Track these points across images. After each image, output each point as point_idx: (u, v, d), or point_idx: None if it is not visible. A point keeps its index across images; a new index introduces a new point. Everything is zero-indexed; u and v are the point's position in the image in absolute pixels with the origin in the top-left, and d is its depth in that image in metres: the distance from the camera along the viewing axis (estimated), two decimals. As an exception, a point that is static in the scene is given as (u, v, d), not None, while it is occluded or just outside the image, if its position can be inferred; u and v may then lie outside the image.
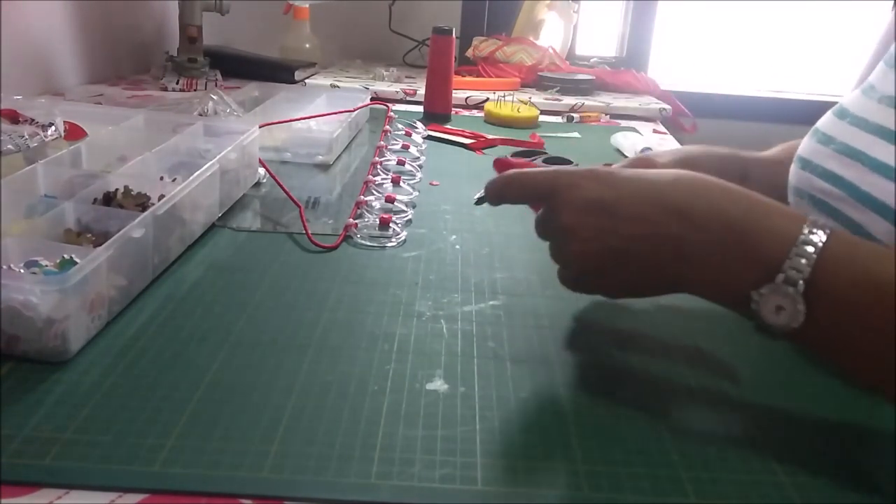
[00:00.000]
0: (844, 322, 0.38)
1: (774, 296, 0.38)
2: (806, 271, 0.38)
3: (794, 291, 0.38)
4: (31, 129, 0.68)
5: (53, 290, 0.43)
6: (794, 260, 0.38)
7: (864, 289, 0.37)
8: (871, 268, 0.38)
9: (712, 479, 0.39)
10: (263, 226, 0.70)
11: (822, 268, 0.38)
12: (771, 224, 0.40)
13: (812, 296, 0.38)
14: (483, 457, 0.39)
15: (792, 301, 0.38)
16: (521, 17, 1.69)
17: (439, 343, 0.51)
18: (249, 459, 0.38)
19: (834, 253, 0.38)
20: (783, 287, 0.38)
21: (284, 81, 1.32)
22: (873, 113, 0.55)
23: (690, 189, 0.42)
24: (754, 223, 0.40)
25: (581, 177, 0.45)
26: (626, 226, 0.43)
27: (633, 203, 0.43)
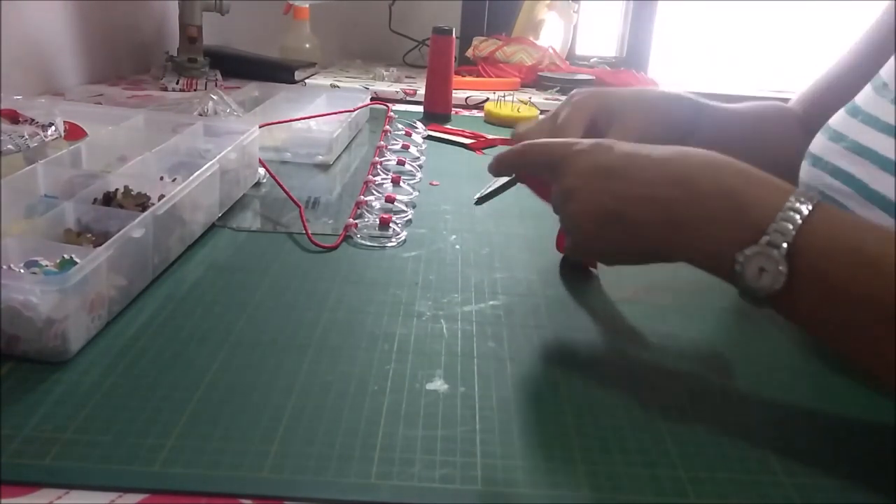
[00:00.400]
0: (824, 289, 0.39)
1: (758, 257, 0.39)
2: (790, 235, 0.39)
3: (777, 254, 0.39)
4: (31, 129, 0.68)
5: (53, 290, 0.43)
6: (780, 224, 0.39)
7: (844, 257, 0.38)
8: (852, 238, 0.39)
9: (712, 479, 0.39)
10: (263, 226, 0.70)
11: (806, 233, 0.39)
12: (762, 192, 0.41)
13: (794, 260, 0.39)
14: (483, 457, 0.39)
15: (774, 263, 0.39)
16: (521, 17, 1.69)
17: (439, 343, 0.51)
18: (249, 459, 0.38)
19: (819, 221, 0.39)
20: (767, 249, 0.39)
21: (284, 81, 1.32)
22: (886, 112, 0.55)
23: (696, 162, 0.44)
24: (747, 191, 0.41)
25: (593, 145, 0.47)
26: (623, 187, 0.44)
27: (635, 168, 0.44)
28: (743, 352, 0.53)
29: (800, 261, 0.39)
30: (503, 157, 0.53)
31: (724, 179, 0.42)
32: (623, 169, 0.45)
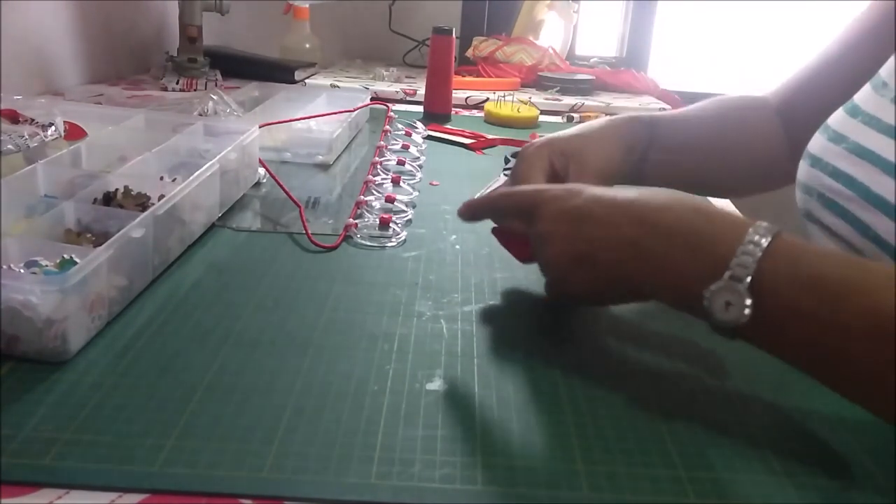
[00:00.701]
0: (790, 318, 0.40)
1: (723, 292, 0.40)
2: (751, 268, 0.40)
3: (741, 287, 0.40)
4: (31, 129, 0.68)
5: (53, 290, 0.43)
6: (741, 258, 0.40)
7: (807, 285, 0.39)
8: (814, 265, 0.40)
9: (712, 480, 0.39)
10: (263, 226, 0.70)
11: (768, 265, 0.40)
12: (722, 228, 0.42)
13: (757, 292, 0.40)
14: (483, 457, 0.39)
15: (739, 297, 0.40)
16: (521, 17, 1.69)
17: (439, 343, 0.51)
18: (249, 459, 0.38)
19: (779, 252, 0.40)
20: (731, 283, 0.40)
21: (284, 81, 1.32)
22: (886, 113, 0.55)
23: (657, 203, 0.45)
24: (707, 228, 0.43)
25: (564, 190, 0.49)
26: (592, 230, 0.46)
27: (606, 212, 0.46)
28: (743, 352, 0.53)
29: (764, 293, 0.40)
30: (475, 204, 0.54)
31: (684, 217, 0.44)
32: (591, 212, 0.47)
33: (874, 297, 0.37)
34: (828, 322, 0.38)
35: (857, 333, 0.38)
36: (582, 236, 0.47)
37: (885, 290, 0.37)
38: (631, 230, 0.45)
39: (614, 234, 0.45)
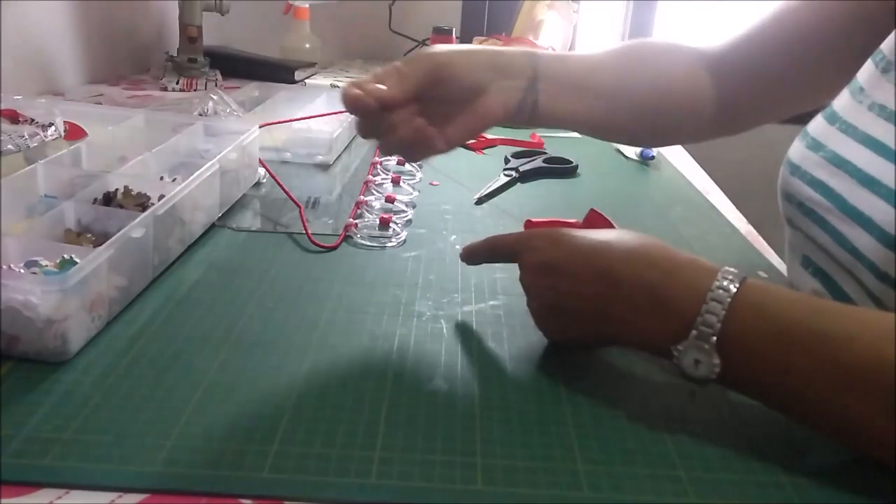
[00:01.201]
0: (761, 370, 0.40)
1: (691, 351, 0.41)
2: (716, 327, 0.40)
3: (707, 346, 0.40)
4: (31, 129, 0.68)
5: (53, 290, 0.43)
6: (705, 316, 0.40)
7: (774, 339, 0.39)
8: (780, 319, 0.39)
9: (712, 479, 0.39)
10: (263, 226, 0.70)
11: (733, 320, 0.40)
12: (682, 282, 0.42)
13: (726, 347, 0.40)
14: (483, 457, 0.39)
15: (707, 355, 0.40)
16: (521, 18, 1.69)
17: (439, 343, 0.51)
18: (249, 459, 0.38)
19: (743, 305, 0.40)
20: (697, 342, 0.40)
21: (284, 81, 1.32)
22: (864, 121, 0.54)
23: (617, 255, 0.45)
24: (667, 284, 0.42)
25: (539, 239, 0.49)
26: (564, 284, 0.46)
27: (571, 263, 0.46)
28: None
29: (732, 349, 0.40)
30: (475, 249, 0.55)
31: (643, 273, 0.43)
32: (561, 265, 0.46)
33: (844, 346, 0.38)
34: (799, 373, 0.39)
35: (825, 384, 0.38)
36: (554, 289, 0.47)
37: (855, 340, 0.38)
38: (591, 286, 0.45)
39: (581, 290, 0.45)
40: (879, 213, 0.49)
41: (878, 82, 0.55)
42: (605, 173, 0.96)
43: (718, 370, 0.40)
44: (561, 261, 0.47)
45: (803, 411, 0.40)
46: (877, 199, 0.50)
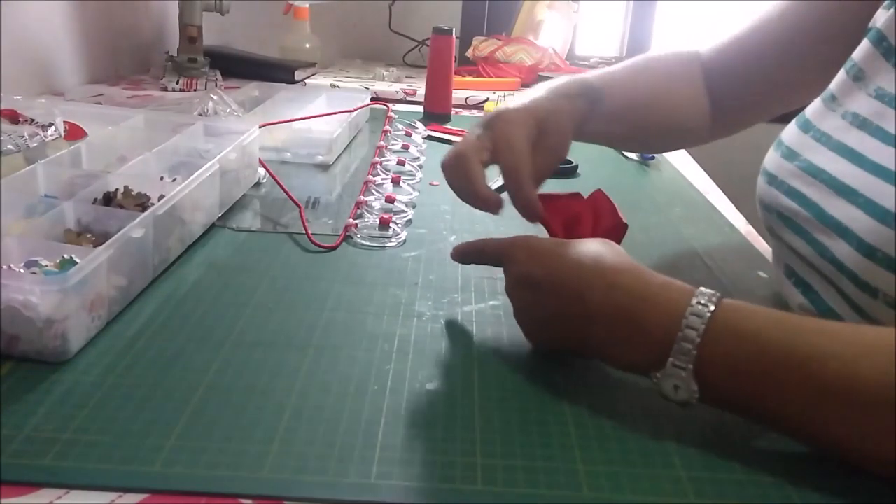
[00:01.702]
0: (740, 391, 0.40)
1: (669, 378, 0.41)
2: (692, 354, 0.40)
3: (684, 374, 0.40)
4: (31, 129, 0.68)
5: (53, 290, 0.43)
6: (681, 344, 0.40)
7: (752, 359, 0.39)
8: (756, 342, 0.40)
9: (712, 480, 0.39)
10: (263, 226, 0.70)
11: (708, 345, 0.40)
12: (656, 309, 0.42)
13: (704, 372, 0.40)
14: (483, 457, 0.39)
15: (685, 381, 0.41)
16: (521, 17, 1.69)
17: (439, 343, 0.51)
18: (249, 459, 0.38)
19: (719, 329, 0.40)
20: (674, 370, 0.41)
21: (284, 81, 1.32)
22: (837, 129, 0.54)
23: (592, 281, 0.45)
24: (641, 310, 0.42)
25: (521, 250, 0.49)
26: (544, 301, 0.46)
27: (549, 282, 0.46)
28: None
29: (708, 374, 0.40)
30: (465, 250, 0.55)
31: (616, 299, 0.43)
32: (539, 281, 0.46)
33: (821, 366, 0.38)
34: (778, 393, 0.39)
35: (804, 403, 0.38)
36: (536, 304, 0.47)
37: (832, 359, 0.38)
38: (573, 308, 0.45)
39: (561, 310, 0.46)
40: (857, 222, 0.49)
41: (850, 90, 0.55)
42: (606, 173, 0.96)
43: (697, 395, 0.41)
44: (540, 277, 0.47)
45: (786, 428, 0.41)
46: (853, 209, 0.50)
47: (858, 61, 0.55)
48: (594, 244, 0.47)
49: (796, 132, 0.58)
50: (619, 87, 0.68)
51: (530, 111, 0.57)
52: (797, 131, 0.58)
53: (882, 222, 0.47)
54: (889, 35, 0.53)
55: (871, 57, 0.54)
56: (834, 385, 0.38)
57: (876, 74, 0.53)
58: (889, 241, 0.47)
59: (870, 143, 0.51)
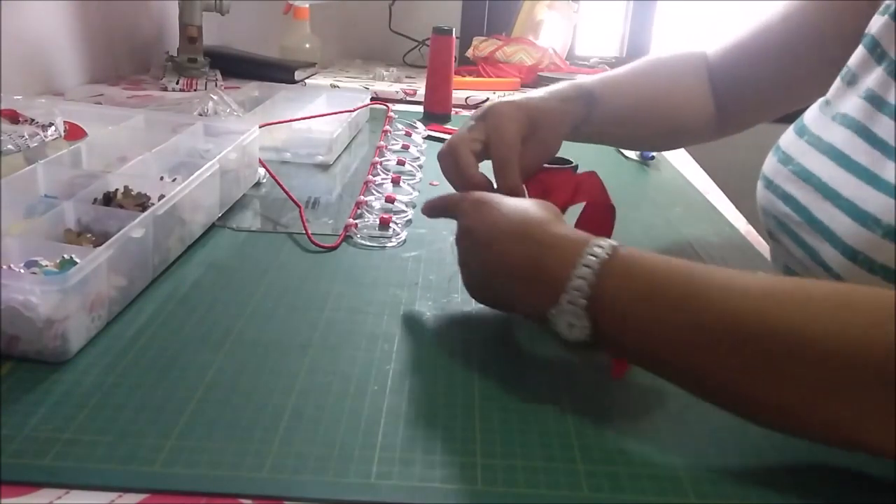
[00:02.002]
0: (629, 330, 0.41)
1: (564, 315, 0.42)
2: (586, 291, 0.41)
3: (579, 310, 0.42)
4: (31, 129, 0.68)
5: (53, 290, 0.43)
6: (575, 281, 0.42)
7: (642, 301, 0.40)
8: (651, 279, 0.41)
9: (713, 480, 0.39)
10: (263, 226, 0.70)
11: (602, 284, 0.41)
12: (556, 253, 0.44)
13: (596, 310, 0.42)
14: (483, 457, 0.39)
15: (579, 318, 0.42)
16: (521, 17, 1.69)
17: (439, 343, 0.51)
18: (249, 459, 0.38)
19: (614, 270, 0.42)
20: (569, 307, 0.42)
21: (284, 81, 1.32)
22: (828, 132, 0.55)
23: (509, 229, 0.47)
24: (546, 254, 0.45)
25: (467, 203, 0.52)
26: (475, 250, 0.49)
27: (481, 231, 0.49)
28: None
29: (602, 311, 0.41)
30: (433, 204, 0.57)
31: (524, 248, 0.46)
32: (474, 231, 0.49)
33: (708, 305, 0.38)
34: (662, 332, 0.40)
35: (688, 343, 0.39)
36: (470, 253, 0.50)
37: (718, 301, 0.38)
38: (491, 255, 0.48)
39: (483, 257, 0.49)
40: (841, 225, 0.50)
41: (843, 94, 0.56)
42: (605, 173, 0.95)
43: (589, 333, 0.42)
44: (476, 228, 0.49)
45: (670, 373, 0.41)
46: (837, 212, 0.50)
47: (853, 66, 0.56)
48: (529, 203, 0.50)
49: (793, 137, 0.59)
50: (619, 90, 0.70)
51: (522, 107, 0.60)
52: (793, 136, 0.59)
53: (863, 225, 0.48)
54: (881, 40, 0.53)
55: (865, 62, 0.54)
56: (719, 324, 0.38)
57: (867, 77, 0.54)
58: (870, 244, 0.47)
59: (856, 145, 0.51)
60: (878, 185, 0.48)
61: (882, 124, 0.50)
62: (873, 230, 0.47)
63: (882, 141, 0.50)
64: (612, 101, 0.68)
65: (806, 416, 0.37)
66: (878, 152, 0.49)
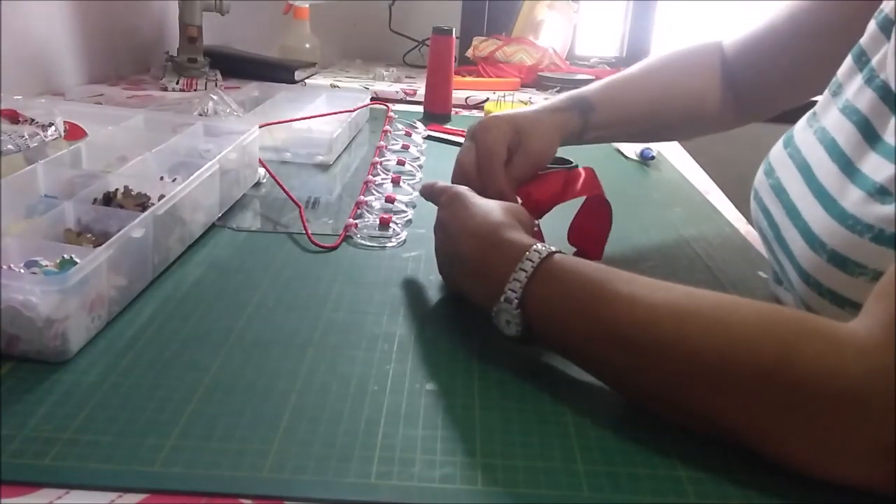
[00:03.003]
0: (553, 327, 0.45)
1: (502, 312, 0.46)
2: (519, 292, 0.45)
3: (511, 308, 0.45)
4: (31, 129, 0.68)
5: (53, 290, 0.43)
6: (512, 283, 0.45)
7: (563, 298, 0.44)
8: (573, 281, 0.44)
9: (713, 480, 0.39)
10: (263, 226, 0.70)
11: (532, 286, 0.45)
12: (505, 255, 0.47)
13: (527, 308, 0.45)
14: (483, 457, 0.39)
15: (513, 315, 0.45)
16: (521, 17, 1.69)
17: (439, 343, 0.51)
18: (249, 459, 0.38)
19: (545, 274, 0.45)
20: (505, 305, 0.46)
21: (284, 81, 1.32)
22: (806, 146, 0.54)
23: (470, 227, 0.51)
24: (494, 255, 0.48)
25: (447, 197, 0.55)
26: (447, 241, 0.53)
27: (452, 226, 0.53)
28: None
29: (533, 309, 0.45)
30: (427, 190, 0.61)
31: (480, 249, 0.49)
32: (446, 224, 0.54)
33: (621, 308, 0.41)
34: (580, 329, 0.43)
35: (602, 340, 0.42)
36: (444, 243, 0.54)
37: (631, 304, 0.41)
38: (451, 249, 0.52)
39: (445, 249, 0.54)
40: (797, 247, 0.50)
41: (828, 106, 0.55)
42: (605, 173, 0.95)
43: (522, 327, 0.45)
44: (447, 220, 0.54)
45: (593, 370, 0.45)
46: (795, 233, 0.50)
47: (839, 76, 0.55)
48: (496, 205, 0.53)
49: (779, 148, 0.59)
50: (625, 89, 0.72)
51: (508, 120, 0.65)
52: (780, 147, 0.59)
53: (812, 248, 0.48)
54: (868, 50, 0.52)
55: (850, 72, 0.54)
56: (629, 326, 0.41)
57: (848, 88, 0.53)
58: (818, 267, 0.47)
59: (825, 164, 0.51)
60: (832, 209, 0.48)
61: (854, 142, 0.49)
62: (819, 254, 0.47)
63: (849, 161, 0.49)
64: (615, 102, 0.70)
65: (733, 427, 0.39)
66: (843, 174, 0.49)
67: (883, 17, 0.52)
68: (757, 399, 0.37)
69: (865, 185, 0.46)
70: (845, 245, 0.45)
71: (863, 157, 0.48)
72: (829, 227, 0.47)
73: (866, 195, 0.45)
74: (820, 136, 0.53)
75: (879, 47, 0.51)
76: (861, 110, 0.50)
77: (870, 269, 0.44)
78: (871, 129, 0.48)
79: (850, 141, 0.50)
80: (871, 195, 0.45)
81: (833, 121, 0.53)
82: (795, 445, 0.37)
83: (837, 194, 0.48)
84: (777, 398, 0.37)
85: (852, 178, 0.48)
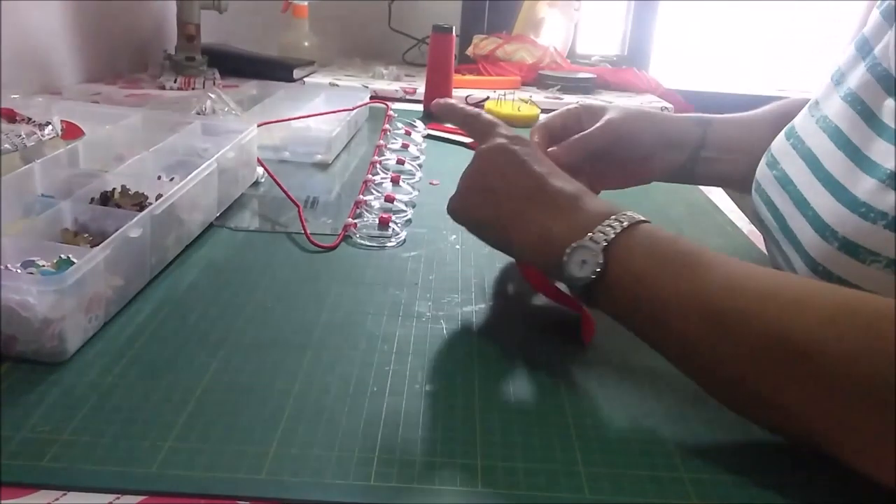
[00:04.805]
0: (633, 286, 0.43)
1: (581, 251, 0.44)
2: (611, 235, 0.44)
3: (596, 248, 0.44)
4: (28, 129, 0.68)
5: (50, 290, 0.43)
6: (604, 227, 0.44)
7: (654, 261, 0.42)
8: (666, 249, 0.43)
9: (714, 481, 0.39)
10: (262, 225, 0.70)
11: (624, 238, 0.44)
12: (598, 204, 0.47)
13: (611, 256, 0.43)
14: (483, 458, 0.39)
15: (594, 255, 0.44)
16: (522, 16, 1.69)
17: (439, 343, 0.51)
18: (248, 461, 0.38)
19: (640, 232, 0.44)
20: (589, 243, 0.44)
21: (283, 80, 1.32)
22: (810, 135, 0.54)
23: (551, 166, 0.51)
24: (586, 199, 0.47)
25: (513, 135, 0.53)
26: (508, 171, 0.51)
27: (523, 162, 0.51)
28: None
29: (616, 258, 0.43)
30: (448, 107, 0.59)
31: (572, 185, 0.49)
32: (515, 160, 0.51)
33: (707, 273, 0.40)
34: (663, 292, 0.41)
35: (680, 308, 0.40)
36: (498, 172, 0.51)
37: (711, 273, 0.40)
38: (529, 183, 0.49)
39: (519, 181, 0.50)
40: (805, 236, 0.49)
41: (830, 94, 0.55)
42: (605, 172, 0.96)
43: (599, 270, 0.43)
44: (518, 158, 0.51)
45: (658, 336, 0.43)
46: (804, 222, 0.50)
47: (842, 65, 0.55)
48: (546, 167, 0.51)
49: (782, 139, 0.58)
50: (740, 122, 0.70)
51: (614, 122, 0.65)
52: (783, 138, 0.58)
53: (822, 237, 0.47)
54: (871, 38, 0.52)
55: (852, 61, 0.54)
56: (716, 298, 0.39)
57: (851, 77, 0.53)
58: (827, 256, 0.47)
59: (828, 148, 0.51)
60: (842, 196, 0.48)
61: (859, 130, 0.49)
62: (830, 242, 0.47)
63: (857, 149, 0.49)
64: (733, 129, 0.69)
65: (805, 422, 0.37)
66: (851, 162, 0.49)
67: (886, 6, 0.52)
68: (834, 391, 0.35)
69: (877, 173, 0.46)
70: (858, 233, 0.45)
71: (869, 144, 0.48)
72: (840, 214, 0.47)
73: (879, 182, 0.45)
74: (823, 125, 0.53)
75: (882, 35, 0.51)
76: (864, 99, 0.50)
77: (883, 257, 0.44)
78: (873, 114, 0.48)
79: (855, 128, 0.50)
80: (885, 182, 0.45)
81: (835, 109, 0.52)
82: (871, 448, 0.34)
83: (847, 182, 0.48)
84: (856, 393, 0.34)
85: (861, 165, 0.48)
